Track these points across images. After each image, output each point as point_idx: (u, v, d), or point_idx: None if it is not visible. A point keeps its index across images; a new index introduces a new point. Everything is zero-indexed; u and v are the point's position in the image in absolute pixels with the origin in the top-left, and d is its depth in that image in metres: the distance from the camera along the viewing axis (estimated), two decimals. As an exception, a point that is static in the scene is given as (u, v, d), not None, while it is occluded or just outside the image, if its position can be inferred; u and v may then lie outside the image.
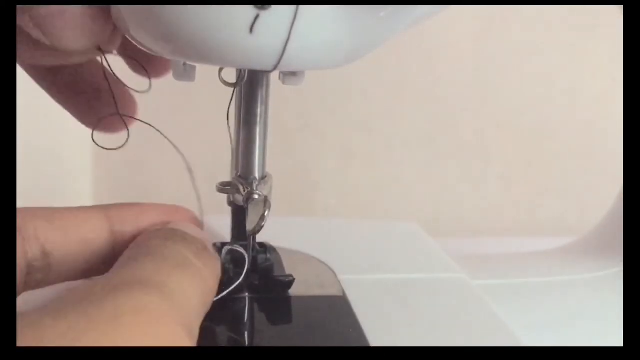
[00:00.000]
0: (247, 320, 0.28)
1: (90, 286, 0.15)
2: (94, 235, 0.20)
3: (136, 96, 0.28)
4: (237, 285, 0.29)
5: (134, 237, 0.20)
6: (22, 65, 0.24)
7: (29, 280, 0.19)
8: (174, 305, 0.15)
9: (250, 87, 0.25)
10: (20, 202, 0.18)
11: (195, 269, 0.18)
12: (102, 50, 0.21)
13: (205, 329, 0.27)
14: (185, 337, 0.15)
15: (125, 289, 0.15)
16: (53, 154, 0.53)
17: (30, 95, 0.28)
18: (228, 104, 0.25)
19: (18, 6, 0.18)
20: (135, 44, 0.20)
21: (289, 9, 0.18)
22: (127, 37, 0.21)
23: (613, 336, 0.33)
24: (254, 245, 0.30)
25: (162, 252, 0.18)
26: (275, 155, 0.30)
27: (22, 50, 0.22)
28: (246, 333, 0.27)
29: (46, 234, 0.19)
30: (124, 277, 0.16)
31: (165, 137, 0.25)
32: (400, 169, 0.67)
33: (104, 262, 0.20)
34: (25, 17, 0.18)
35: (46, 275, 0.19)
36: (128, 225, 0.21)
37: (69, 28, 0.18)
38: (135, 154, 0.56)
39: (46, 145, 0.51)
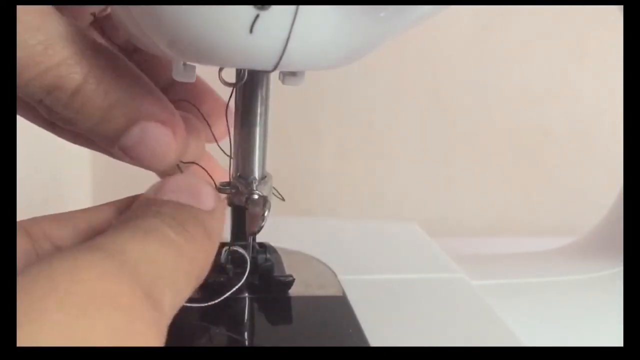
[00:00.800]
0: (247, 320, 0.28)
1: (48, 255, 0.15)
2: (105, 227, 0.20)
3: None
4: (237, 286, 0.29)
5: None
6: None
7: None
8: (120, 264, 0.15)
9: (250, 87, 0.25)
10: (20, 202, 0.18)
11: (166, 238, 0.17)
12: (179, 165, 0.23)
13: (206, 329, 0.27)
14: (139, 297, 0.14)
15: (68, 255, 0.14)
16: (53, 153, 0.53)
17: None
18: (227, 104, 0.25)
19: (103, 135, 0.21)
20: (136, 44, 0.21)
21: (288, 9, 0.18)
22: (128, 37, 0.21)
23: (613, 336, 0.33)
24: (254, 246, 0.30)
25: (129, 223, 0.17)
26: (274, 156, 0.30)
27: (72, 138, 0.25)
28: (246, 333, 0.27)
29: (56, 233, 0.19)
30: (77, 247, 0.15)
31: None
32: (400, 169, 0.67)
33: None
34: (115, 149, 0.21)
35: None
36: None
37: (149, 156, 0.21)
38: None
39: (46, 145, 0.51)
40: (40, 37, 0.19)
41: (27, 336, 0.12)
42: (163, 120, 0.21)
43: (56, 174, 0.54)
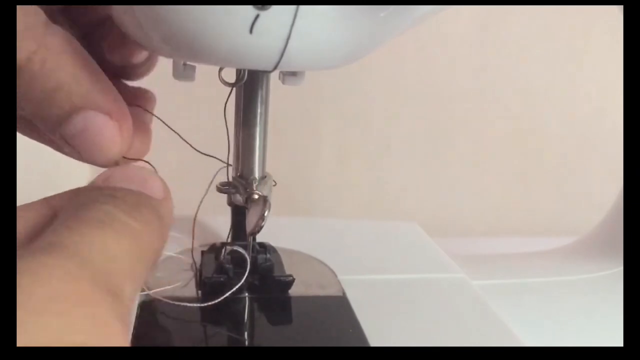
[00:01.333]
0: (247, 320, 0.28)
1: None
2: (35, 222, 0.18)
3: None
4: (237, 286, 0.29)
5: None
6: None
7: None
8: (80, 263, 0.14)
9: (250, 87, 0.25)
10: (20, 199, 0.18)
11: (123, 226, 0.17)
12: (127, 158, 0.22)
13: (206, 329, 0.27)
14: (101, 296, 0.14)
15: (26, 257, 0.14)
16: (51, 153, 0.53)
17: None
18: (224, 103, 0.25)
19: (44, 121, 0.20)
20: (137, 43, 0.20)
21: (288, 9, 0.18)
22: (128, 36, 0.21)
23: (613, 336, 0.33)
24: (254, 246, 0.30)
25: (84, 213, 0.17)
26: (274, 156, 0.30)
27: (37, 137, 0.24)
28: (246, 333, 0.27)
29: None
30: (35, 244, 0.15)
31: (175, 132, 0.25)
32: (400, 169, 0.67)
33: None
34: (57, 136, 0.20)
35: None
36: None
37: (90, 148, 0.20)
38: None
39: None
40: None
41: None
42: (109, 111, 0.20)
43: (55, 173, 0.54)
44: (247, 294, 0.29)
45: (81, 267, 0.14)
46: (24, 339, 0.12)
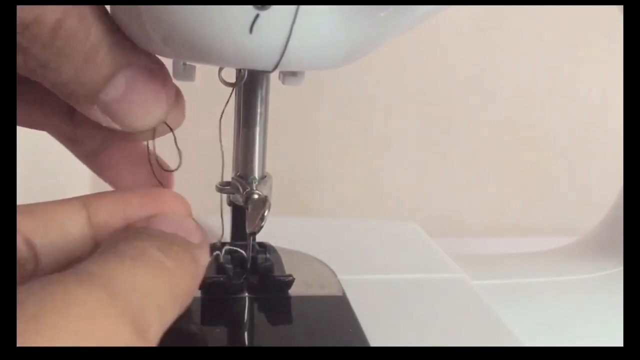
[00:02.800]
0: (247, 320, 0.28)
1: (29, 284, 0.14)
2: (72, 224, 0.19)
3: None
4: (236, 286, 0.29)
5: (113, 226, 0.20)
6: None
7: (20, 274, 0.18)
8: (112, 297, 0.14)
9: (250, 87, 0.25)
10: (20, 198, 0.18)
11: (155, 262, 0.17)
12: (167, 125, 0.21)
13: (206, 329, 0.27)
14: (128, 332, 0.14)
15: (60, 285, 0.14)
16: (51, 152, 0.53)
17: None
18: (224, 104, 0.25)
19: (80, 91, 0.18)
20: (136, 44, 0.20)
21: (289, 9, 0.18)
22: (129, 37, 0.21)
23: (613, 336, 0.33)
24: (253, 246, 0.30)
25: (121, 247, 0.17)
26: (274, 156, 0.30)
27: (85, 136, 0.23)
28: (246, 333, 0.27)
29: (26, 225, 0.18)
30: (66, 273, 0.15)
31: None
32: (400, 169, 0.67)
33: (87, 252, 0.19)
34: (92, 107, 0.19)
35: (36, 265, 0.19)
36: (105, 212, 0.20)
37: (134, 109, 0.19)
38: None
39: (44, 143, 0.51)
40: None
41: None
42: (150, 68, 0.19)
43: (55, 172, 0.54)
44: (247, 294, 0.29)
45: (112, 302, 0.14)
46: None
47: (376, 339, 0.27)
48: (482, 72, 0.65)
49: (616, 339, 0.32)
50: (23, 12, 0.17)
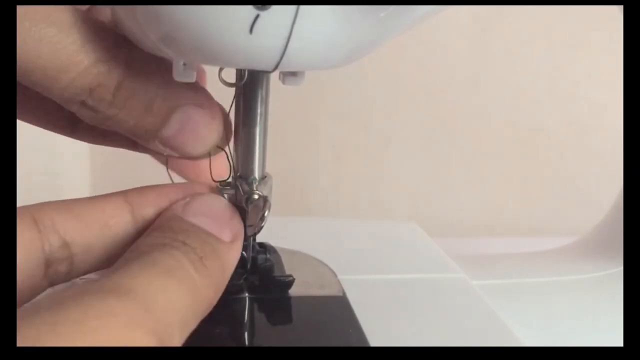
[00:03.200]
0: (247, 320, 0.28)
1: (71, 289, 0.15)
2: (115, 221, 0.20)
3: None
4: (236, 286, 0.29)
5: (155, 219, 0.21)
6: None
7: (52, 274, 0.19)
8: (145, 312, 0.15)
9: (250, 87, 0.25)
10: (20, 198, 0.18)
11: (186, 277, 0.17)
12: (220, 147, 0.23)
13: (206, 329, 0.27)
14: (152, 344, 0.15)
15: (99, 294, 0.15)
16: (50, 149, 0.53)
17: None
18: (230, 105, 0.25)
19: (144, 132, 0.21)
20: (136, 44, 0.20)
21: (289, 9, 0.18)
22: (128, 37, 0.21)
23: (613, 336, 0.33)
24: (254, 246, 0.30)
25: (154, 257, 0.17)
26: (274, 156, 0.30)
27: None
28: (246, 333, 0.27)
29: (65, 224, 0.19)
30: (105, 282, 0.15)
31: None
32: (400, 169, 0.67)
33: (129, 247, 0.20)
34: (154, 141, 0.21)
35: (71, 266, 0.19)
36: (149, 207, 0.21)
37: (190, 141, 0.22)
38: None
39: (44, 141, 0.51)
40: (74, 35, 0.19)
41: None
42: (198, 102, 0.22)
43: (54, 172, 0.54)
44: (247, 294, 0.29)
45: (144, 316, 0.15)
46: None
47: (376, 339, 0.27)
48: (482, 72, 0.65)
49: (616, 339, 0.32)
50: (88, 79, 0.19)
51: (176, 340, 0.16)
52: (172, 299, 0.16)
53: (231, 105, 0.25)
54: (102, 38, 0.20)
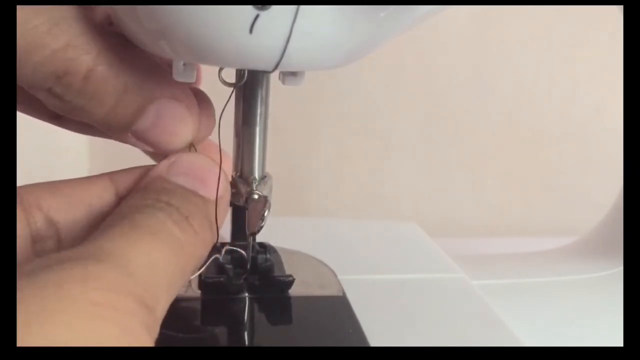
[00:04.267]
0: (247, 320, 0.28)
1: (53, 257, 0.15)
2: (99, 200, 0.20)
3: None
4: (236, 286, 0.29)
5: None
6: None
7: (40, 250, 0.19)
8: (127, 277, 0.15)
9: (250, 87, 0.25)
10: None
11: (171, 238, 0.17)
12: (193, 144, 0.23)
13: (206, 329, 0.27)
14: (136, 307, 0.15)
15: (79, 260, 0.14)
16: (50, 147, 0.53)
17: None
18: (224, 105, 0.25)
19: (115, 125, 0.20)
20: (136, 44, 0.20)
21: (289, 9, 0.18)
22: (128, 37, 0.21)
23: (613, 336, 0.33)
24: (253, 246, 0.30)
25: (136, 219, 0.17)
26: (274, 156, 0.30)
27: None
28: (246, 333, 0.27)
29: (49, 202, 0.19)
30: (86, 247, 0.15)
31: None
32: (400, 169, 0.67)
33: None
34: (128, 135, 0.21)
35: (59, 243, 0.19)
36: (134, 187, 0.21)
37: (165, 136, 0.21)
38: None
39: (44, 138, 0.51)
40: (43, 17, 0.18)
41: (37, 332, 0.12)
42: (175, 96, 0.21)
43: (54, 170, 0.54)
44: (247, 294, 0.29)
45: (125, 279, 0.15)
46: (52, 337, 0.12)
47: (376, 339, 0.27)
48: (482, 72, 0.65)
49: (616, 339, 0.32)
50: (55, 64, 0.18)
51: (163, 303, 0.16)
52: (156, 262, 0.16)
53: (225, 106, 0.25)
54: (74, 20, 0.19)
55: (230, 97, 0.25)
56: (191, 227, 0.18)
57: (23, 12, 0.18)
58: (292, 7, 0.18)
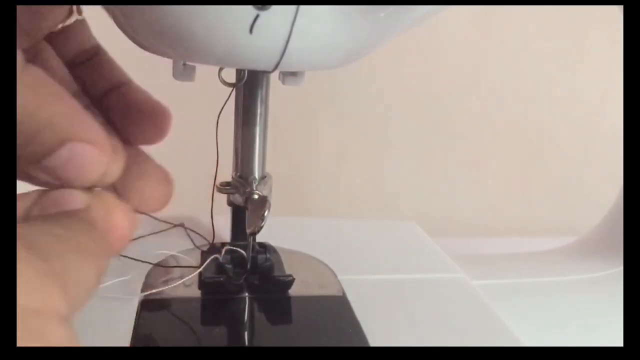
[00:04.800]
0: (247, 320, 0.28)
1: None
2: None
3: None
4: (236, 286, 0.29)
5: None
6: None
7: None
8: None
9: (250, 87, 0.25)
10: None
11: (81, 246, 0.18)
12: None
13: (206, 328, 0.27)
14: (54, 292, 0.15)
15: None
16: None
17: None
18: (223, 104, 0.25)
19: (25, 157, 0.20)
20: (136, 44, 0.21)
21: (289, 9, 0.18)
22: (128, 38, 0.21)
23: (613, 336, 0.33)
24: (253, 246, 0.30)
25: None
26: (274, 156, 0.30)
27: None
28: (246, 333, 0.27)
29: None
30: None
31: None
32: (400, 169, 0.67)
33: None
34: (36, 169, 0.21)
35: None
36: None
37: (74, 175, 0.21)
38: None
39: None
40: None
41: None
42: (92, 140, 0.21)
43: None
44: (247, 294, 0.29)
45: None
46: None
47: (376, 339, 0.27)
48: (482, 72, 0.65)
49: (616, 339, 0.32)
50: None
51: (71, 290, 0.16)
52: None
53: (223, 106, 0.25)
54: None
55: (229, 96, 0.25)
56: (66, 230, 0.19)
57: None
58: (292, 7, 0.18)
